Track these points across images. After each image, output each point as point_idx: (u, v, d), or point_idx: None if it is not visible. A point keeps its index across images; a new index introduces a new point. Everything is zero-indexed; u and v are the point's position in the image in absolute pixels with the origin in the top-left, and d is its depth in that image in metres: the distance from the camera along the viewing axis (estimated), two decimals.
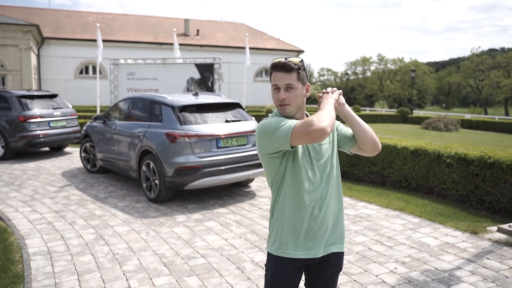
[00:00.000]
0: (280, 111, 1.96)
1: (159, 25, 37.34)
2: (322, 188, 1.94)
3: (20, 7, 34.99)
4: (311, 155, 1.95)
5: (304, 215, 1.92)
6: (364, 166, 7.87)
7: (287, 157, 1.91)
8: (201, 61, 15.72)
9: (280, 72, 1.92)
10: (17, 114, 9.72)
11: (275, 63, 1.93)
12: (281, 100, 1.93)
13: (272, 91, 1.98)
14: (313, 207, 1.92)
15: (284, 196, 1.93)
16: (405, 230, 4.94)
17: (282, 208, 1.95)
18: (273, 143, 1.85)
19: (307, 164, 1.93)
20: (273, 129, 1.85)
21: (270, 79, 1.98)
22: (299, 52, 39.62)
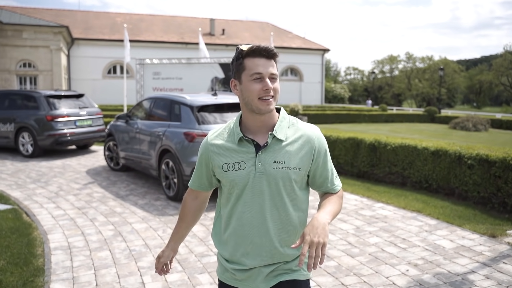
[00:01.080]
0: (261, 106, 1.58)
1: (185, 25, 37.78)
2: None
3: (51, 9, 36.03)
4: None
5: None
6: (384, 167, 7.80)
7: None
8: (225, 60, 15.85)
9: (262, 59, 1.58)
10: (45, 114, 10.06)
11: (256, 48, 1.59)
12: (267, 91, 1.57)
13: (249, 82, 1.58)
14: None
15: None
16: (421, 232, 4.88)
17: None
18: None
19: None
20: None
21: (239, 68, 1.61)
22: (324, 50, 39.34)
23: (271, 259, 1.68)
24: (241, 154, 1.64)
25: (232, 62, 1.65)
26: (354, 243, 4.59)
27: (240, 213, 1.67)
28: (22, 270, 3.96)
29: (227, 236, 1.72)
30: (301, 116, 19.01)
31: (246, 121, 1.67)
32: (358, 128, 20.94)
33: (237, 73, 1.63)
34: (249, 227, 1.66)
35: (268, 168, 1.61)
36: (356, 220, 5.38)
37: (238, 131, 1.65)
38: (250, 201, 1.65)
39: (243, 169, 1.63)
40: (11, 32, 24.07)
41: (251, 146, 1.64)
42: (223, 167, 1.66)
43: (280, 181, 1.62)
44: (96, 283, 3.73)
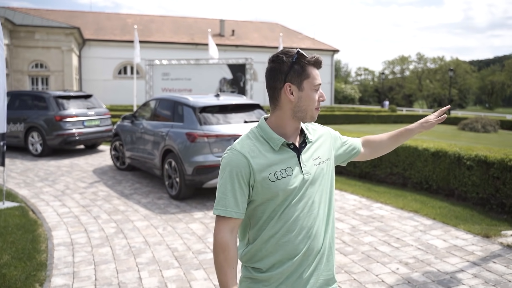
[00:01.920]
0: (315, 114, 1.62)
1: (195, 26, 38.05)
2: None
3: (63, 11, 36.56)
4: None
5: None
6: (385, 167, 7.86)
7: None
8: (233, 61, 16.00)
9: (317, 70, 1.61)
10: (54, 114, 10.29)
11: (319, 59, 1.60)
12: (321, 102, 1.63)
13: (312, 90, 1.58)
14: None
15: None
16: (415, 232, 4.95)
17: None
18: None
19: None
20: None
21: (301, 74, 1.57)
22: (334, 51, 39.33)
23: (320, 256, 1.64)
24: (285, 160, 1.59)
25: (283, 63, 1.57)
26: (348, 242, 4.68)
27: (290, 219, 1.57)
28: (25, 265, 4.13)
29: (270, 247, 1.59)
30: None
31: (285, 126, 1.62)
32: (366, 129, 20.94)
33: (296, 79, 1.56)
34: (300, 229, 1.59)
35: (311, 167, 1.63)
36: (353, 220, 5.47)
37: (278, 137, 1.60)
38: (301, 204, 1.59)
39: (291, 174, 1.58)
40: (23, 33, 24.51)
41: (290, 150, 1.61)
42: (269, 177, 1.55)
43: (322, 177, 1.66)
44: (95, 277, 3.88)
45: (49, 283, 3.78)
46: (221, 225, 1.55)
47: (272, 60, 1.61)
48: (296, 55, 1.57)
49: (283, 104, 1.60)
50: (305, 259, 1.60)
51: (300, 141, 1.66)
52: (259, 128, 1.64)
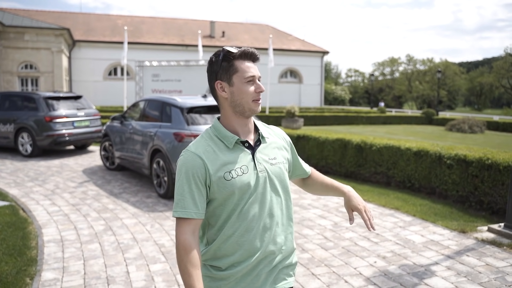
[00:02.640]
0: (255, 107, 1.61)
1: (186, 27, 38.14)
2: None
3: (53, 12, 36.45)
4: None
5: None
6: (370, 167, 8.06)
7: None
8: None
9: (250, 62, 1.62)
10: (43, 115, 10.36)
11: (247, 51, 1.61)
12: (259, 93, 1.62)
13: (243, 84, 1.59)
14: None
15: None
16: (395, 228, 5.15)
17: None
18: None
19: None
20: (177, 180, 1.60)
21: (229, 70, 1.60)
22: (324, 53, 39.64)
23: (279, 256, 1.68)
24: (240, 158, 1.60)
25: (213, 63, 1.62)
26: (330, 237, 4.86)
27: (247, 218, 1.59)
28: (16, 260, 4.24)
29: (229, 247, 1.61)
30: (297, 118, 19.25)
31: (233, 124, 1.63)
32: (355, 130, 21.20)
33: (225, 75, 1.60)
34: (257, 229, 1.61)
35: (267, 166, 1.64)
36: (336, 217, 5.65)
37: (231, 135, 1.61)
38: (257, 202, 1.61)
39: (246, 172, 1.59)
40: (13, 34, 24.44)
41: (244, 149, 1.63)
42: (225, 176, 1.56)
43: (278, 177, 1.67)
44: (84, 272, 4.01)
45: (39, 277, 3.90)
46: (182, 227, 1.54)
47: (208, 63, 1.66)
48: (222, 53, 1.61)
49: (222, 102, 1.65)
50: (263, 257, 1.63)
51: (255, 139, 1.68)
52: (213, 128, 1.66)
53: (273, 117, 24.14)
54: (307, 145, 9.48)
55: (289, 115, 19.36)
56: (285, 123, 19.15)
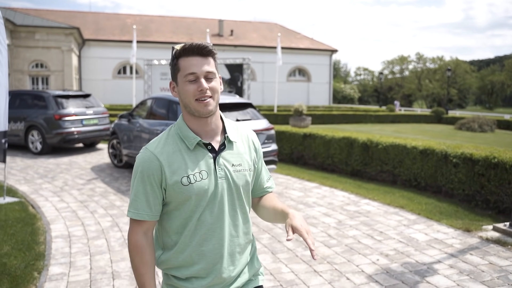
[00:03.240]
0: (199, 108, 1.49)
1: (194, 26, 38.26)
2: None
3: (63, 11, 36.78)
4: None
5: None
6: (376, 165, 8.06)
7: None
8: (231, 61, 16.17)
9: (196, 57, 1.48)
10: (53, 113, 10.50)
11: (189, 46, 1.49)
12: (202, 92, 1.48)
13: (184, 83, 1.49)
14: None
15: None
16: (399, 226, 5.16)
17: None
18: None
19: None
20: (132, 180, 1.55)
21: (174, 69, 1.52)
22: (332, 51, 39.53)
23: (238, 267, 1.62)
24: (200, 162, 1.51)
25: (170, 63, 1.55)
26: (334, 235, 4.89)
27: (205, 227, 1.53)
28: (24, 255, 4.34)
29: (187, 257, 1.55)
30: (305, 117, 19.23)
31: (192, 124, 1.54)
32: (363, 129, 21.14)
33: (173, 75, 1.53)
34: (216, 239, 1.55)
35: (229, 173, 1.54)
36: (340, 215, 5.67)
37: (193, 135, 1.52)
38: (215, 211, 1.53)
39: (206, 178, 1.50)
40: (24, 33, 24.73)
41: (207, 151, 1.53)
42: (182, 181, 1.48)
43: (240, 185, 1.57)
44: (91, 266, 4.08)
45: (47, 271, 3.98)
46: (135, 228, 1.52)
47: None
48: (171, 52, 1.53)
49: (180, 102, 1.57)
50: (224, 266, 1.56)
51: (220, 142, 1.58)
52: (176, 126, 1.57)
53: (281, 116, 24.15)
54: (313, 144, 9.50)
55: (297, 113, 19.36)
56: (293, 121, 19.17)
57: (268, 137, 7.11)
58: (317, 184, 7.58)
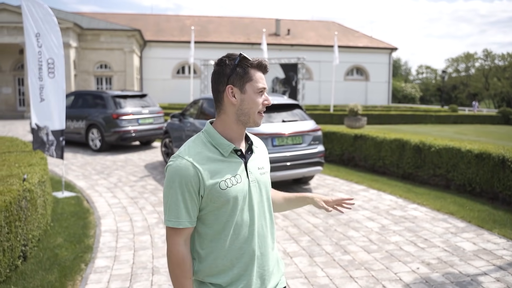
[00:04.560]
0: (258, 119, 1.60)
1: (252, 26, 38.60)
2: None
3: (126, 14, 38.55)
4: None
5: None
6: (428, 169, 7.74)
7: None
8: (286, 61, 16.18)
9: (262, 73, 1.59)
10: (111, 112, 11.06)
11: (263, 62, 1.57)
12: (266, 106, 1.60)
13: (255, 94, 1.56)
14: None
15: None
16: (445, 234, 4.93)
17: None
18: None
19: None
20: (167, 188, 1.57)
21: (243, 77, 1.56)
22: (392, 49, 38.33)
23: (272, 263, 1.70)
24: (233, 167, 1.57)
25: (225, 66, 1.56)
26: (375, 240, 4.76)
27: (243, 230, 1.59)
28: (75, 247, 4.62)
29: (227, 261, 1.59)
30: (360, 117, 18.82)
31: (229, 131, 1.60)
32: (421, 130, 20.33)
33: (239, 81, 1.55)
34: (253, 241, 1.61)
35: (257, 176, 1.63)
36: (384, 219, 5.51)
37: (228, 143, 1.58)
38: (251, 213, 1.60)
39: (240, 182, 1.57)
40: (90, 36, 26.21)
41: (237, 157, 1.60)
42: (220, 185, 1.53)
43: (265, 186, 1.67)
44: (133, 261, 4.27)
45: (93, 263, 4.22)
46: (175, 237, 1.53)
47: (217, 64, 1.59)
48: (239, 58, 1.55)
49: (226, 108, 1.59)
50: (259, 267, 1.63)
51: (246, 148, 1.66)
52: (206, 134, 1.61)
53: (336, 116, 23.79)
54: (364, 145, 9.29)
55: (352, 113, 18.98)
56: (348, 121, 18.81)
57: (314, 138, 7.05)
58: (365, 187, 7.42)
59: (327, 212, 1.81)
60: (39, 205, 4.67)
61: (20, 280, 3.80)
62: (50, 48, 6.49)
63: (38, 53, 6.49)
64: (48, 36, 6.47)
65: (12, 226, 3.79)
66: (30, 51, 6.53)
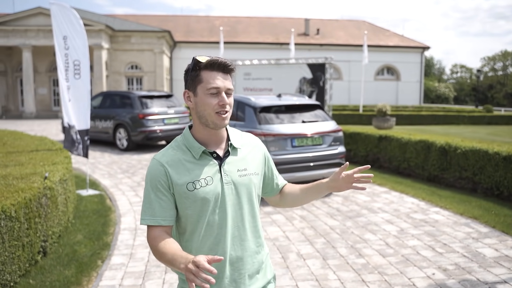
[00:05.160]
0: (218, 121, 1.57)
1: (280, 26, 38.54)
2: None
3: (158, 15, 39.23)
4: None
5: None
6: (454, 171, 7.52)
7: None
8: (313, 61, 16.08)
9: (219, 73, 1.57)
10: (138, 112, 11.29)
11: (215, 61, 1.55)
12: (223, 106, 1.55)
13: (205, 95, 1.55)
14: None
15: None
16: (466, 239, 4.77)
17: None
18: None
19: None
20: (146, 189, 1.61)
21: (195, 80, 1.57)
22: (424, 48, 37.47)
23: (252, 267, 1.68)
24: (205, 169, 1.59)
25: (186, 72, 1.61)
26: (392, 244, 4.66)
27: (214, 232, 1.60)
28: (93, 244, 4.74)
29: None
30: (389, 117, 18.50)
31: (199, 135, 1.63)
32: (453, 131, 19.77)
33: (192, 85, 1.59)
34: (226, 243, 1.61)
35: (235, 178, 1.62)
36: (404, 223, 5.39)
37: (198, 145, 1.60)
38: (223, 215, 1.60)
39: (211, 184, 1.58)
40: (121, 37, 26.82)
41: (212, 159, 1.61)
42: (187, 186, 1.56)
43: (246, 188, 1.65)
44: (148, 259, 4.35)
45: (109, 260, 4.32)
46: (153, 234, 1.55)
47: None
48: (192, 62, 1.58)
49: (191, 111, 1.64)
50: (234, 270, 1.63)
51: (225, 150, 1.66)
52: (182, 137, 1.65)
53: (365, 116, 23.45)
54: (389, 146, 9.11)
55: (380, 114, 18.70)
56: (376, 122, 18.55)
57: (335, 139, 6.97)
58: (387, 189, 7.28)
59: (341, 191, 1.75)
60: (59, 202, 4.82)
61: (39, 274, 3.94)
62: (76, 50, 6.68)
63: (65, 55, 6.70)
64: (74, 39, 6.67)
65: (31, 222, 3.93)
66: (58, 53, 6.74)
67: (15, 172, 4.91)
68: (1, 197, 3.75)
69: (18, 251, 3.68)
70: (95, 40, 24.54)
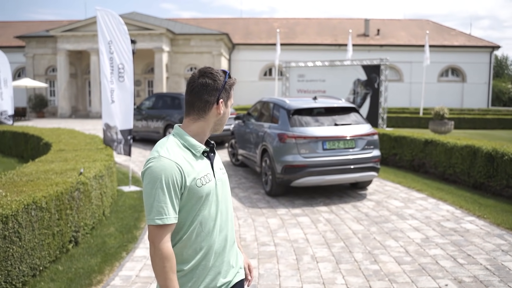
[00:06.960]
0: (220, 128, 1.83)
1: (339, 27, 38.01)
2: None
3: (218, 18, 40.13)
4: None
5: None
6: (501, 179, 7.11)
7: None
8: (368, 62, 15.81)
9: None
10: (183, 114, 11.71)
11: (235, 83, 1.82)
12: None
13: (229, 108, 1.80)
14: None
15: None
16: (495, 251, 4.54)
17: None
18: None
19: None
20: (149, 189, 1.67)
21: (229, 94, 1.79)
22: (493, 47, 35.25)
23: (232, 257, 1.86)
24: (204, 166, 1.72)
25: (218, 81, 1.73)
26: (411, 252, 4.55)
27: (208, 223, 1.72)
28: (122, 237, 5.06)
29: (191, 253, 1.72)
30: (446, 121, 17.65)
31: (202, 136, 1.76)
32: None
33: (226, 96, 1.76)
34: (215, 235, 1.75)
35: (220, 175, 1.80)
36: (431, 231, 5.22)
37: (199, 144, 1.73)
38: (217, 208, 1.75)
39: (211, 180, 1.72)
40: (181, 41, 27.82)
41: (205, 158, 1.75)
42: (197, 183, 1.66)
43: (227, 185, 1.85)
44: None
45: (133, 253, 4.60)
46: (163, 234, 1.60)
47: (205, 76, 1.72)
48: (227, 76, 1.75)
49: (209, 117, 1.74)
50: (218, 259, 1.78)
51: (209, 150, 1.81)
52: (178, 137, 1.74)
53: (425, 119, 22.60)
54: (434, 151, 8.78)
55: (438, 117, 17.87)
56: (432, 126, 17.77)
57: (369, 142, 6.86)
58: (425, 195, 7.04)
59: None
60: (93, 196, 5.19)
61: (67, 261, 4.29)
62: (121, 54, 7.12)
63: (110, 59, 7.15)
64: (119, 44, 7.10)
65: (62, 214, 4.29)
66: (103, 57, 7.21)
67: (57, 167, 5.35)
68: (36, 189, 4.14)
69: (48, 239, 4.05)
70: (157, 44, 25.67)
